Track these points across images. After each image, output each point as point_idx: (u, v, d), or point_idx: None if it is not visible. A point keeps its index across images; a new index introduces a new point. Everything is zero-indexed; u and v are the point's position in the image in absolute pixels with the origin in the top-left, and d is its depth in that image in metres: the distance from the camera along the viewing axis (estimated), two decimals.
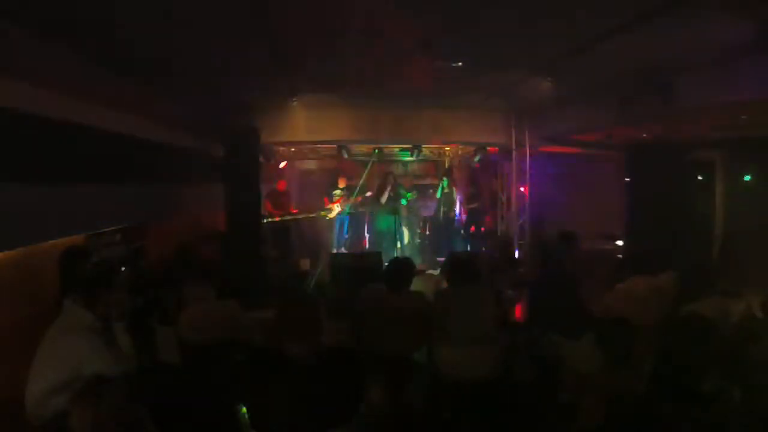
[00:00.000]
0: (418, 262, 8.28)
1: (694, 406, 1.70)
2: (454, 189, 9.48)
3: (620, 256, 6.97)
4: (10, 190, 2.82)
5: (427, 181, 10.70)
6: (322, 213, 8.79)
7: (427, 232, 9.74)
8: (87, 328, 2.09)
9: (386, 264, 3.59)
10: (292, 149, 8.68)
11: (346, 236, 9.06)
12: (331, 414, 1.80)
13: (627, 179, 6.96)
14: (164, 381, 2.43)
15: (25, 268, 3.10)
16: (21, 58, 2.94)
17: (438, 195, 9.58)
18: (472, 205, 8.83)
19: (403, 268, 3.52)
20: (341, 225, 8.92)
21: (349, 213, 8.95)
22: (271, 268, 6.66)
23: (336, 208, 8.77)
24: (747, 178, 6.25)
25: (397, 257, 4.55)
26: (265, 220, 7.21)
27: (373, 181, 9.31)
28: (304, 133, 7.03)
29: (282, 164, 9.36)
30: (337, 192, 8.89)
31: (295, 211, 8.55)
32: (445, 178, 9.51)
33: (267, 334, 2.95)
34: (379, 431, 3.14)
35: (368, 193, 9.31)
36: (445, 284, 4.29)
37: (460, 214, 9.48)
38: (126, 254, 4.37)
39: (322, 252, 8.07)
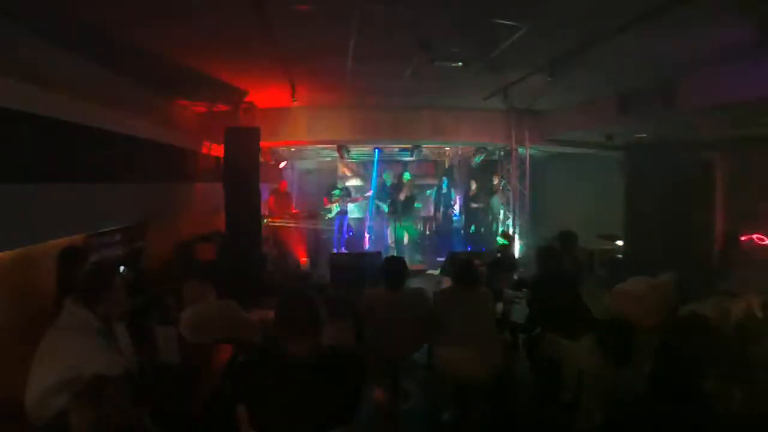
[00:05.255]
0: (418, 262, 8.33)
1: (694, 406, 1.70)
2: (453, 189, 9.50)
3: (620, 256, 6.98)
4: (10, 190, 2.82)
5: (427, 181, 10.72)
6: (322, 213, 8.80)
7: (427, 232, 9.76)
8: (87, 328, 2.08)
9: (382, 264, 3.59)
10: (292, 149, 8.69)
11: (346, 236, 9.08)
12: (331, 414, 1.80)
13: (627, 179, 6.97)
14: (164, 381, 2.43)
15: (25, 268, 3.10)
16: (21, 58, 2.94)
17: (432, 195, 9.61)
18: (475, 205, 8.82)
19: (398, 266, 3.52)
20: (341, 225, 8.93)
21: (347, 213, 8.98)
22: (271, 268, 6.67)
23: (335, 208, 8.78)
24: None
25: (390, 256, 4.55)
26: (265, 220, 7.22)
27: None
28: (304, 133, 7.04)
29: (282, 164, 9.37)
30: (337, 192, 8.90)
31: (295, 211, 8.56)
32: (445, 178, 9.54)
33: (267, 334, 2.95)
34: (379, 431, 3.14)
35: (367, 193, 9.33)
36: (445, 284, 4.29)
37: (459, 214, 9.50)
38: (126, 254, 4.37)
39: (322, 251, 8.08)
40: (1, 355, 2.66)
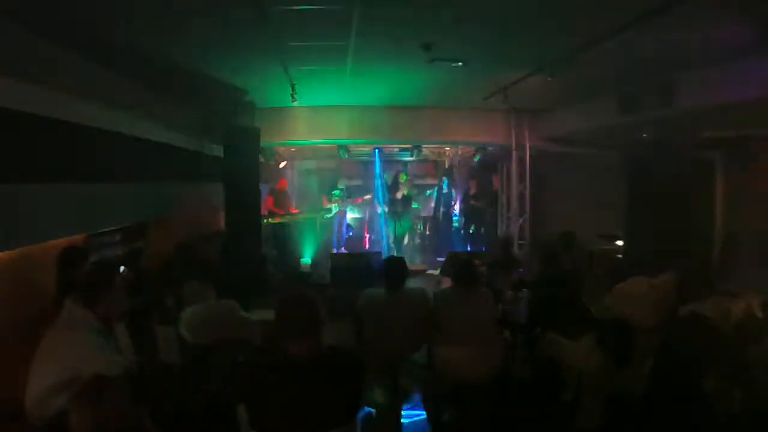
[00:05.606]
0: (417, 262, 8.33)
1: (694, 406, 1.70)
2: (453, 189, 9.50)
3: (620, 256, 6.97)
4: (10, 190, 2.82)
5: (427, 181, 10.73)
6: (322, 213, 8.81)
7: (427, 233, 9.76)
8: (87, 328, 2.09)
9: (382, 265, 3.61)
10: (292, 149, 8.68)
11: (347, 236, 9.09)
12: (331, 414, 1.80)
13: (627, 179, 6.96)
14: (164, 381, 2.43)
15: (25, 268, 3.10)
16: (21, 58, 2.94)
17: (434, 195, 9.60)
18: (475, 203, 8.81)
19: (398, 266, 3.53)
20: (340, 225, 8.93)
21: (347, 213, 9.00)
22: (271, 268, 6.68)
23: (335, 208, 8.78)
24: None
25: (390, 256, 4.56)
26: (265, 221, 7.22)
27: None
28: (304, 133, 7.04)
29: (282, 164, 9.37)
30: (337, 192, 8.90)
31: (295, 210, 8.56)
32: (445, 178, 9.54)
33: (267, 334, 2.95)
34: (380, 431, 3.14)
35: (367, 196, 9.33)
36: (445, 284, 4.29)
37: (459, 214, 9.49)
38: (126, 254, 4.37)
39: (322, 251, 8.08)
40: (1, 355, 2.66)
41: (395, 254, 7.65)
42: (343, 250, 8.71)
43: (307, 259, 7.89)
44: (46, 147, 3.18)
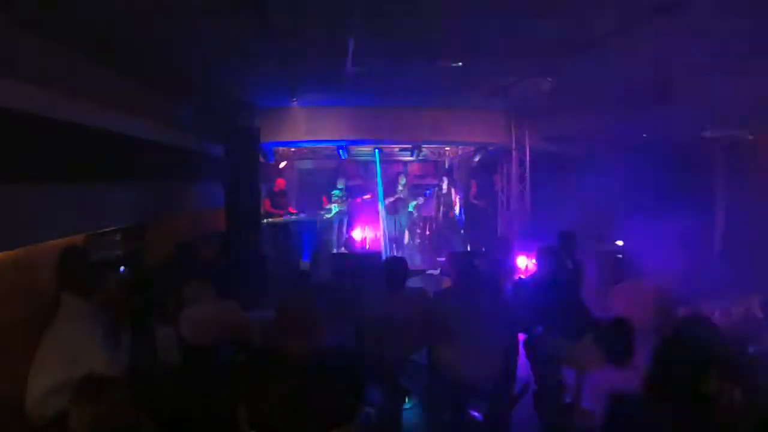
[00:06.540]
0: (418, 262, 8.32)
1: (694, 406, 1.70)
2: (453, 189, 9.50)
3: (620, 256, 6.98)
4: (10, 190, 2.82)
5: (427, 181, 10.73)
6: (322, 213, 8.80)
7: (427, 232, 9.77)
8: (85, 317, 2.09)
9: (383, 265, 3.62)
10: (292, 149, 8.69)
11: (346, 236, 9.08)
12: (331, 414, 1.80)
13: (626, 179, 6.97)
14: (164, 381, 2.43)
15: (25, 268, 3.09)
16: (21, 58, 2.94)
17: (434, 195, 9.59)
18: (475, 203, 8.81)
19: (398, 266, 3.53)
20: (340, 225, 8.93)
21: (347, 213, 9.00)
22: (271, 268, 6.67)
23: (335, 208, 8.78)
24: None
25: (390, 256, 4.57)
26: (264, 221, 7.22)
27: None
28: (304, 133, 7.04)
29: (282, 164, 9.37)
30: (337, 192, 8.90)
31: (294, 211, 8.56)
32: (445, 178, 9.54)
33: (267, 334, 2.95)
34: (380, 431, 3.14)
35: (367, 196, 9.33)
36: (445, 284, 4.30)
37: (460, 214, 9.50)
38: (126, 254, 4.37)
39: (322, 251, 8.08)
40: (1, 354, 2.66)
41: (395, 254, 7.65)
42: (343, 250, 8.71)
43: (307, 259, 7.89)
44: (46, 147, 3.18)
